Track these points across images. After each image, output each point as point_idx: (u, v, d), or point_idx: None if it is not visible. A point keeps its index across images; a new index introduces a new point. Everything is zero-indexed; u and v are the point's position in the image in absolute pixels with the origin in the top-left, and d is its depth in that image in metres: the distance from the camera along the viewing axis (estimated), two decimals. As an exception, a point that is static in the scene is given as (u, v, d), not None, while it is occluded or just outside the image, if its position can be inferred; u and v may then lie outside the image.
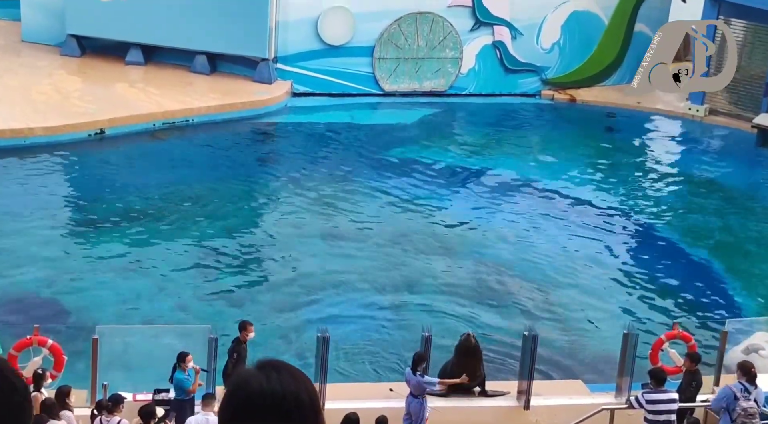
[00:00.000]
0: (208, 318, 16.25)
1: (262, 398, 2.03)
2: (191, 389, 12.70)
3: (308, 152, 25.97)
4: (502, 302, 18.72)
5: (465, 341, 13.82)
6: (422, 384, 12.98)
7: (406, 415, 13.11)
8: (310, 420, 2.06)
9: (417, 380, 12.94)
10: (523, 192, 24.32)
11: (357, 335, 17.14)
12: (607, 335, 17.62)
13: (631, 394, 13.12)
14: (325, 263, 19.72)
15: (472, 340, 13.79)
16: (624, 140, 28.97)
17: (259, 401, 2.03)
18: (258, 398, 2.04)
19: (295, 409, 2.04)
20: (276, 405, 2.03)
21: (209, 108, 26.82)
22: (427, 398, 13.25)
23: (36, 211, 21.04)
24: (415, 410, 13.02)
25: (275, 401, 2.03)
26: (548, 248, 21.19)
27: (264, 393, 2.04)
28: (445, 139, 27.78)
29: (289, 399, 2.04)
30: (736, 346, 15.49)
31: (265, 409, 2.02)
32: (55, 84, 27.05)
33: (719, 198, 24.96)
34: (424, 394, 13.03)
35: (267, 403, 2.03)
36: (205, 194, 22.74)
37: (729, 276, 20.75)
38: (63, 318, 16.85)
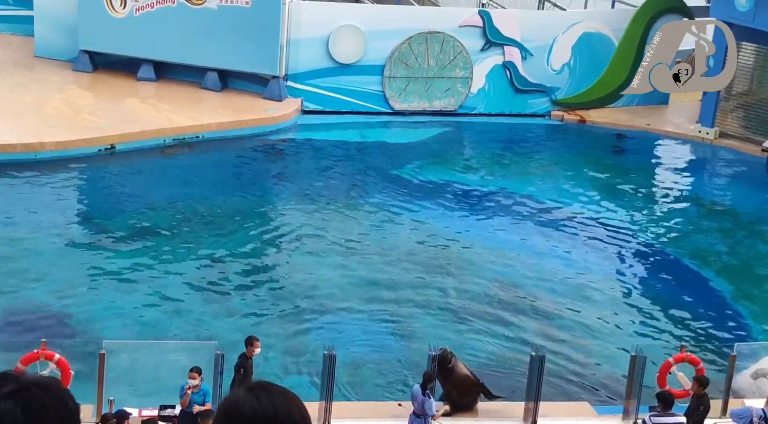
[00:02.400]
0: (215, 333, 16.24)
1: (254, 420, 2.03)
2: (181, 402, 12.71)
3: (317, 170, 26.02)
4: (509, 321, 18.67)
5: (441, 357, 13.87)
6: (425, 406, 12.95)
7: None
8: None
9: (422, 400, 12.90)
10: (531, 212, 24.30)
11: (364, 353, 17.10)
12: (614, 356, 17.55)
13: (638, 417, 13.07)
14: (333, 280, 19.71)
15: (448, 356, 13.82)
16: (633, 162, 28.96)
17: (253, 421, 2.03)
18: (251, 420, 2.03)
19: None
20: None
21: (219, 124, 26.91)
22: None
23: (46, 225, 21.09)
24: None
25: (269, 422, 2.03)
26: (556, 269, 21.16)
27: (256, 415, 2.04)
28: (454, 159, 27.81)
29: (281, 420, 2.04)
30: (745, 370, 15.41)
31: None
32: (66, 99, 27.18)
33: (728, 221, 24.90)
34: (426, 416, 12.99)
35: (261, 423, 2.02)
36: (214, 210, 22.78)
37: (738, 300, 20.67)
38: (70, 333, 16.87)
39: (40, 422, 1.86)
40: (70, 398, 1.95)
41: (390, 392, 16.00)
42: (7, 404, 1.85)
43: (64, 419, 1.90)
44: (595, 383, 17.00)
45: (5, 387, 1.88)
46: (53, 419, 1.87)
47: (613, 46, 30.88)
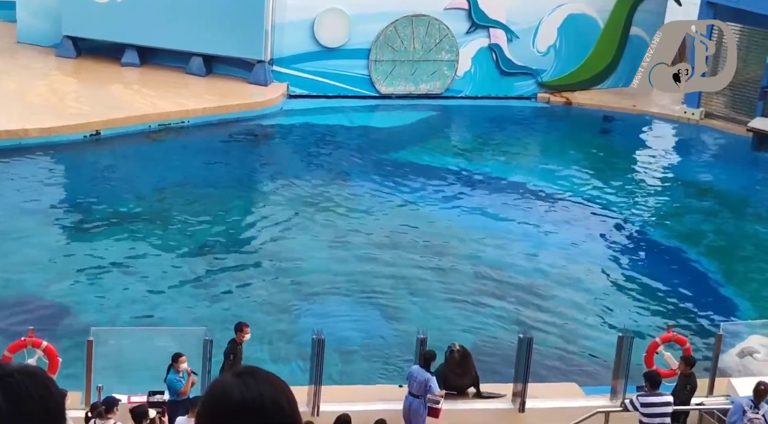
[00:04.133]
0: (203, 320, 16.23)
1: (241, 406, 2.03)
2: (182, 391, 12.68)
3: (304, 154, 25.97)
4: (497, 304, 18.72)
5: (450, 357, 13.82)
6: (429, 383, 12.97)
7: (407, 417, 13.08)
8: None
9: (426, 378, 12.90)
10: (518, 195, 24.33)
11: (353, 337, 17.13)
12: (602, 337, 17.63)
13: (626, 397, 13.12)
14: (321, 265, 19.71)
15: (456, 355, 13.78)
16: (620, 143, 29.02)
17: (239, 408, 2.03)
18: (237, 405, 2.03)
19: (275, 415, 2.03)
20: (255, 412, 2.02)
21: (205, 110, 26.81)
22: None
23: (31, 212, 21.00)
24: (417, 410, 13.01)
25: (255, 408, 2.03)
26: (543, 251, 21.21)
27: (243, 400, 2.03)
28: (441, 142, 27.80)
29: (268, 406, 2.04)
30: (731, 349, 15.51)
31: (244, 416, 2.02)
32: (50, 85, 27.02)
33: (714, 201, 25.00)
34: (425, 395, 13.03)
35: (246, 410, 2.02)
36: (200, 196, 22.73)
37: (724, 279, 20.78)
38: (57, 320, 16.82)
39: (23, 408, 1.85)
40: (54, 386, 1.95)
41: (379, 376, 16.04)
42: None
43: (48, 405, 1.89)
44: (583, 363, 17.08)
45: None
46: (37, 405, 1.87)
47: (599, 28, 30.87)
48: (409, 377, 13.13)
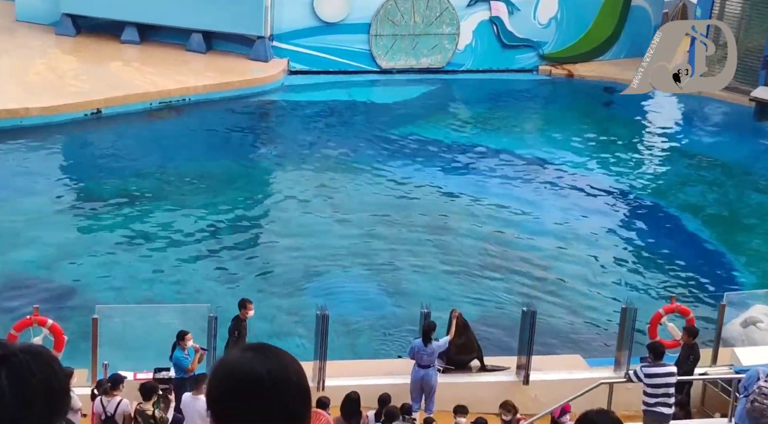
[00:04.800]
0: (208, 297, 16.27)
1: (249, 381, 2.02)
2: (189, 368, 12.73)
3: (306, 131, 25.92)
4: (501, 277, 18.75)
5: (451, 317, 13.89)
6: (439, 348, 13.10)
7: (416, 388, 13.16)
8: (298, 400, 2.05)
9: (433, 349, 13.03)
10: (520, 168, 24.30)
11: (357, 313, 17.17)
12: (605, 309, 17.67)
13: (629, 368, 13.16)
14: (323, 241, 19.72)
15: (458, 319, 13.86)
16: (622, 115, 28.93)
17: (247, 383, 2.02)
18: (245, 380, 2.02)
19: (283, 390, 2.03)
20: (264, 387, 2.01)
21: (205, 87, 26.74)
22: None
23: (34, 191, 21.01)
24: (430, 379, 13.11)
25: (263, 383, 2.02)
26: (546, 224, 21.21)
27: (253, 375, 2.03)
28: (442, 116, 27.73)
29: (276, 380, 2.04)
30: (735, 319, 15.53)
31: (253, 391, 2.01)
32: (50, 64, 26.95)
33: (717, 172, 24.96)
34: (434, 362, 13.17)
35: (254, 385, 2.02)
36: (202, 173, 22.71)
37: (727, 249, 20.78)
38: (62, 298, 16.87)
39: (27, 388, 1.85)
40: (58, 365, 1.94)
41: (384, 350, 16.09)
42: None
43: (52, 385, 1.89)
44: (587, 335, 17.12)
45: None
46: (41, 385, 1.86)
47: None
48: (416, 351, 13.17)
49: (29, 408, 1.85)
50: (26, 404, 1.85)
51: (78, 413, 11.43)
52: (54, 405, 1.90)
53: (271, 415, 2.02)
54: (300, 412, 2.05)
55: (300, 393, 2.07)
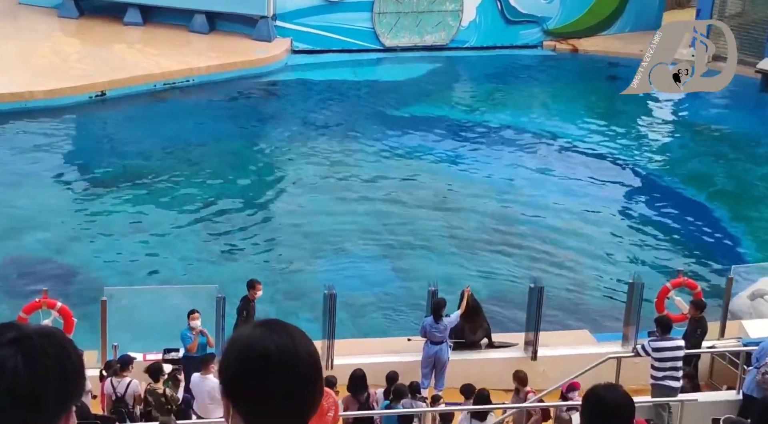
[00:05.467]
0: (216, 278, 16.32)
1: (263, 357, 2.03)
2: (189, 347, 12.80)
3: (310, 110, 25.88)
4: (508, 253, 18.76)
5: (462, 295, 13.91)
6: (451, 324, 13.14)
7: (427, 366, 13.22)
8: (310, 377, 2.05)
9: (445, 325, 13.10)
10: (526, 144, 24.25)
11: (364, 291, 17.20)
12: (612, 284, 17.68)
13: (637, 342, 13.17)
14: (330, 220, 19.74)
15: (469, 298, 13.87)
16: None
17: (259, 360, 2.02)
18: (259, 356, 2.03)
19: (295, 367, 2.03)
20: (275, 364, 2.02)
21: (209, 68, 26.69)
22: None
23: (39, 175, 21.05)
24: (441, 357, 13.17)
25: (274, 360, 2.02)
26: (552, 199, 21.19)
27: (266, 352, 2.03)
28: (447, 94, 27.66)
29: (288, 357, 2.03)
30: (742, 291, 15.53)
31: (264, 368, 2.02)
32: (53, 47, 26.92)
33: (723, 144, 24.87)
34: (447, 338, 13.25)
35: (266, 362, 2.02)
36: (207, 154, 22.72)
37: (734, 222, 20.75)
38: (70, 280, 16.93)
39: (41, 369, 1.86)
40: (73, 347, 1.95)
41: (391, 329, 16.13)
42: (8, 350, 1.85)
43: (66, 367, 1.90)
44: (594, 311, 17.14)
45: (7, 335, 1.88)
46: (55, 366, 1.87)
47: (604, -27, 30.52)
48: (428, 328, 13.20)
49: (44, 390, 1.86)
50: (41, 386, 1.86)
51: (88, 394, 11.50)
52: (69, 387, 1.91)
53: (282, 392, 2.02)
54: (312, 389, 2.06)
55: (311, 370, 2.07)
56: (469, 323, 13.93)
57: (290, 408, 2.05)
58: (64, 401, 1.91)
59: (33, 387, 1.85)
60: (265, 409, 2.04)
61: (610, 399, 3.90)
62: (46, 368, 1.87)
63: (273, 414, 2.04)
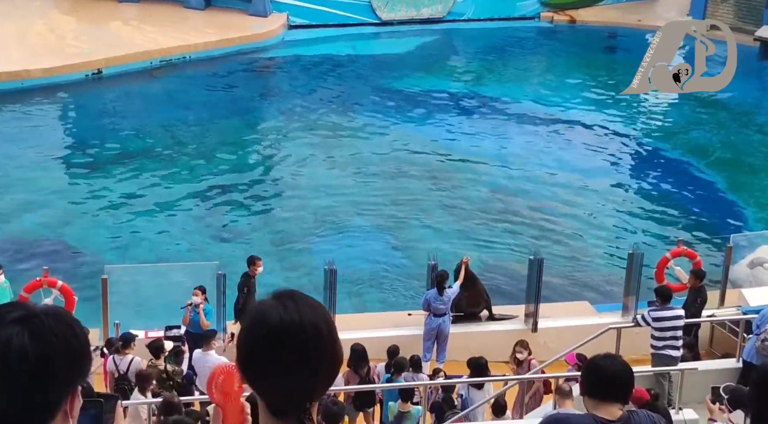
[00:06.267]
0: (216, 254, 16.33)
1: (280, 328, 2.04)
2: (183, 319, 12.92)
3: (308, 85, 25.81)
4: (507, 226, 18.77)
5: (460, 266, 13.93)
6: (453, 294, 13.22)
7: (430, 338, 13.28)
8: (327, 348, 2.07)
9: (449, 296, 13.17)
10: (524, 116, 24.20)
11: (364, 266, 17.23)
12: (612, 255, 17.70)
13: (637, 312, 13.21)
14: (330, 195, 19.73)
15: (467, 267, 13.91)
16: (625, 60, 28.65)
17: (278, 330, 2.04)
18: (277, 328, 2.04)
19: (313, 338, 2.04)
20: (294, 334, 2.03)
21: (206, 44, 26.60)
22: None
23: (38, 153, 21.02)
24: (443, 329, 13.24)
25: (294, 331, 2.04)
26: (551, 170, 21.17)
27: (283, 323, 2.04)
28: (445, 67, 27.57)
29: (307, 328, 2.04)
30: (742, 260, 15.55)
31: (283, 338, 2.03)
32: (50, 25, 26.81)
33: (722, 113, 24.82)
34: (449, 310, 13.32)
35: (286, 332, 2.03)
36: (205, 131, 22.68)
37: (733, 191, 20.75)
38: (71, 259, 16.95)
39: (48, 347, 1.87)
40: (79, 326, 1.96)
41: (392, 303, 16.16)
42: (15, 329, 1.87)
43: (73, 346, 1.91)
44: (594, 282, 17.17)
45: (13, 313, 1.89)
46: (61, 344, 1.89)
47: (601, -58, 30.35)
48: (432, 301, 13.23)
49: (51, 369, 1.88)
50: (48, 364, 1.87)
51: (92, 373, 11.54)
52: (75, 366, 1.93)
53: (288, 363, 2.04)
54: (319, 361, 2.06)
55: (331, 340, 2.08)
56: (467, 294, 13.96)
57: (297, 380, 2.05)
58: (71, 379, 1.93)
59: (39, 365, 1.87)
60: (272, 380, 2.06)
61: (610, 369, 3.92)
62: (53, 347, 1.88)
63: (281, 386, 2.05)
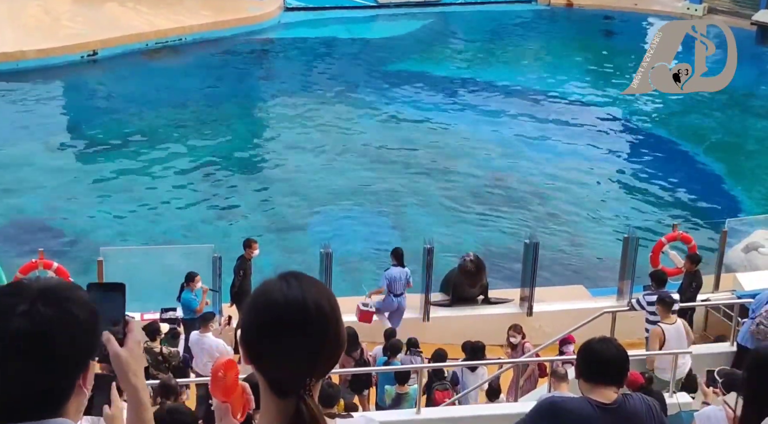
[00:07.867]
0: (211, 237, 16.33)
1: (284, 307, 2.05)
2: (198, 309, 12.82)
3: (304, 68, 25.74)
4: (503, 210, 18.78)
5: (463, 265, 13.94)
6: (409, 278, 13.31)
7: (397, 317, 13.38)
8: (331, 328, 2.08)
9: (408, 274, 13.20)
10: (520, 100, 24.17)
11: (360, 250, 17.24)
12: (607, 239, 17.73)
13: (632, 297, 13.24)
14: (325, 178, 19.72)
15: (470, 265, 13.87)
16: (622, 44, 28.66)
17: (282, 309, 2.05)
18: (280, 307, 2.06)
19: (316, 317, 2.06)
20: (298, 313, 2.05)
21: (202, 26, 26.49)
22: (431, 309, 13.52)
23: (32, 136, 20.96)
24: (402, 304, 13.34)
25: (297, 310, 2.05)
26: (548, 155, 21.17)
27: (286, 302, 2.06)
28: (441, 50, 27.50)
29: (310, 306, 2.06)
30: (737, 244, 15.59)
31: (287, 317, 2.04)
32: (44, 6, 26.67)
33: (719, 98, 24.77)
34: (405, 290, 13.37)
35: (289, 311, 2.05)
36: (201, 113, 22.62)
37: (728, 175, 20.77)
38: (66, 241, 16.94)
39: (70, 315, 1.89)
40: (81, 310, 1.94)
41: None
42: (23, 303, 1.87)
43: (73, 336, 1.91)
44: (589, 266, 17.20)
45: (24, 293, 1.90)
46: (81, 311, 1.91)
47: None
48: (391, 280, 13.26)
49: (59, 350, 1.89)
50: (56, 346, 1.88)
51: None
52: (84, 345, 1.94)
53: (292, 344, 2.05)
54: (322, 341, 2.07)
55: (334, 320, 2.09)
56: (469, 281, 13.99)
57: (300, 359, 2.06)
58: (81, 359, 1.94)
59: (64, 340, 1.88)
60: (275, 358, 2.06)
61: (605, 353, 3.93)
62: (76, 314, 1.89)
63: (284, 364, 2.06)
